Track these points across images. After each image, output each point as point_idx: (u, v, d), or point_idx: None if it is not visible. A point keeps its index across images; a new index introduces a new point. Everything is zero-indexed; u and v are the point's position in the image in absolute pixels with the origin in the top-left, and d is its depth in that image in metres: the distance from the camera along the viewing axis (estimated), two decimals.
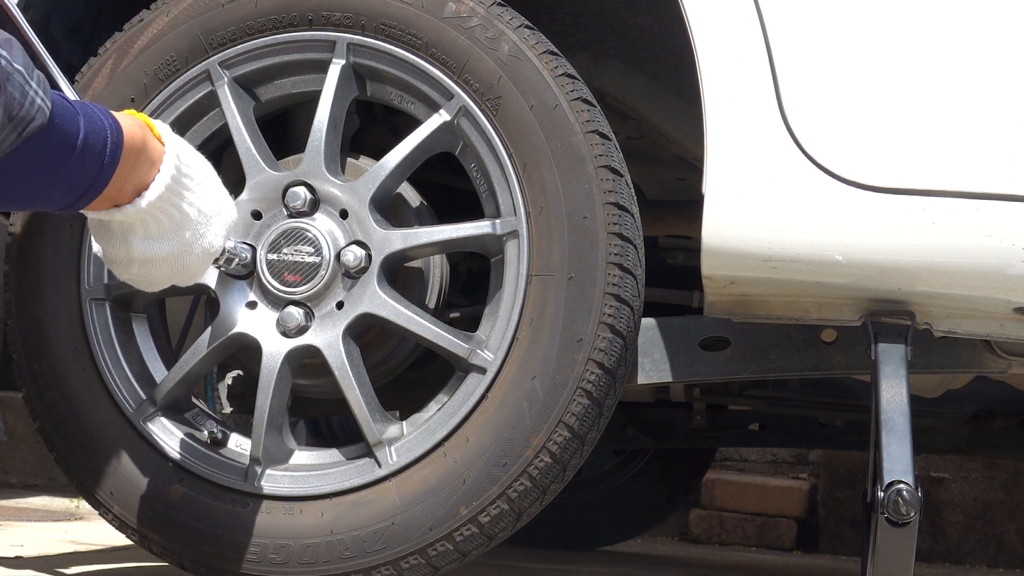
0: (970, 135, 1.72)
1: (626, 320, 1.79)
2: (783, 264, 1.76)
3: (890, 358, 1.79)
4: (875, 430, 1.75)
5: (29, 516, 3.55)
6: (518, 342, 1.78)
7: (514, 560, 3.02)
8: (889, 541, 1.69)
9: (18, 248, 1.93)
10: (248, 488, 1.84)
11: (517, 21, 1.84)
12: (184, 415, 1.93)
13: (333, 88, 1.86)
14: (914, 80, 1.74)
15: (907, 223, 1.72)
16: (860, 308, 1.83)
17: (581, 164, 1.79)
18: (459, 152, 1.87)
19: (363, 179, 1.85)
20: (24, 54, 1.37)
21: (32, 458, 4.67)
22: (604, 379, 1.78)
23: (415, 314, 1.82)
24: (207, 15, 1.90)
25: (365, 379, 1.84)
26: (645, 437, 3.24)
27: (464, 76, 1.83)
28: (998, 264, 1.72)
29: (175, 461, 1.87)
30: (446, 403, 1.82)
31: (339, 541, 1.79)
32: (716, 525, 4.52)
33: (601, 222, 1.78)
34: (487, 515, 1.76)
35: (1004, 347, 1.94)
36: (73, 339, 1.91)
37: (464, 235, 1.84)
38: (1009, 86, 1.72)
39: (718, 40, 1.75)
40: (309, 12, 1.88)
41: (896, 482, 1.69)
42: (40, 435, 1.95)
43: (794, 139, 1.74)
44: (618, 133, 2.00)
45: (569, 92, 1.81)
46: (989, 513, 4.37)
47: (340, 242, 1.83)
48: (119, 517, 1.89)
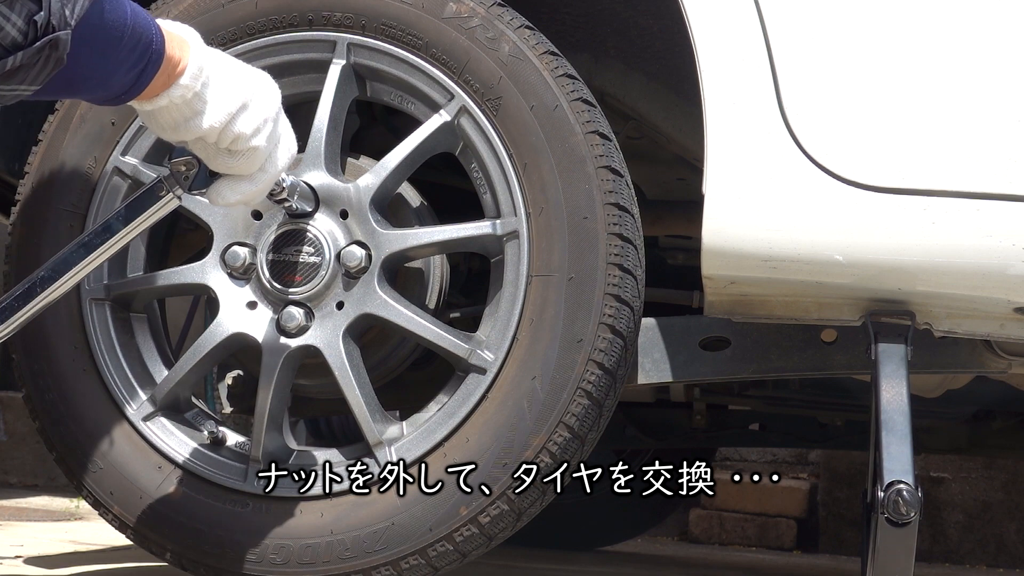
0: (970, 135, 1.72)
1: (626, 320, 1.79)
2: (783, 264, 1.76)
3: (890, 358, 1.79)
4: (875, 430, 1.75)
5: (29, 516, 3.56)
6: (518, 342, 1.78)
7: (514, 560, 3.02)
8: (889, 541, 1.69)
9: (18, 248, 1.93)
10: (248, 488, 1.84)
11: (517, 21, 1.84)
12: (184, 415, 1.93)
13: (333, 88, 1.86)
14: (914, 80, 1.74)
15: (907, 223, 1.72)
16: (860, 308, 1.83)
17: (581, 165, 1.79)
18: (459, 152, 1.87)
19: (363, 179, 1.85)
20: None
21: (32, 458, 4.67)
22: (604, 379, 1.78)
23: (415, 314, 1.82)
24: (207, 15, 1.90)
25: (365, 379, 1.84)
26: (645, 437, 3.24)
27: (464, 76, 1.83)
28: (998, 264, 1.72)
29: (175, 461, 1.87)
30: (446, 403, 1.82)
31: (339, 541, 1.79)
32: (716, 525, 4.52)
33: (601, 222, 1.78)
34: (487, 515, 1.76)
35: (1004, 347, 1.94)
36: (73, 339, 1.91)
37: (464, 235, 1.84)
38: (1009, 86, 1.72)
39: (718, 40, 1.75)
40: (309, 12, 1.88)
41: (896, 482, 1.69)
42: (40, 435, 1.95)
43: (794, 139, 1.74)
44: (618, 133, 2.00)
45: (569, 92, 1.81)
46: (989, 513, 4.37)
47: (340, 242, 1.83)
48: (119, 517, 1.89)
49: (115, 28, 1.44)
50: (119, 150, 1.91)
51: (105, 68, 1.45)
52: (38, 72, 1.36)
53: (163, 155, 1.90)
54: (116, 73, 1.47)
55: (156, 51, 1.48)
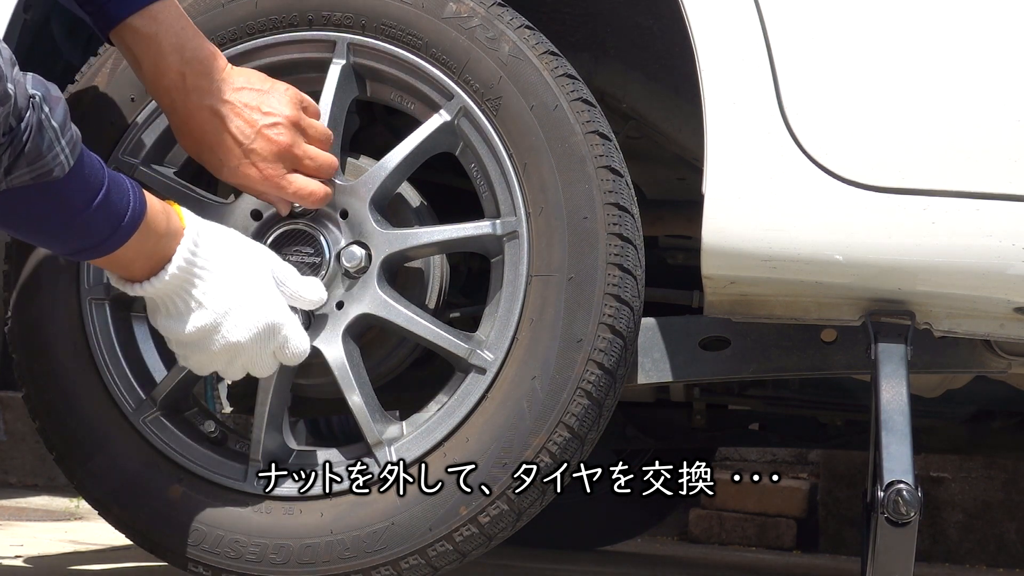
0: (970, 135, 1.72)
1: (626, 320, 1.79)
2: (783, 264, 1.76)
3: (890, 358, 1.79)
4: (875, 430, 1.75)
5: (29, 516, 3.56)
6: (518, 342, 1.78)
7: (514, 560, 3.02)
8: (889, 541, 1.70)
9: (18, 248, 1.93)
10: (248, 488, 1.83)
11: (517, 21, 1.84)
12: (184, 415, 1.93)
13: (333, 88, 1.86)
14: (914, 80, 1.74)
15: (907, 223, 1.72)
16: (860, 308, 1.83)
17: (581, 164, 1.79)
18: (459, 152, 1.87)
19: (363, 179, 1.85)
20: (66, 111, 1.49)
21: (32, 458, 4.67)
22: (604, 379, 1.77)
23: (415, 314, 1.82)
24: (207, 15, 1.90)
25: (365, 379, 1.84)
26: (645, 437, 3.24)
27: (464, 76, 1.83)
28: (998, 264, 1.72)
29: (175, 461, 1.87)
30: (446, 403, 1.82)
31: (339, 541, 1.79)
32: (716, 525, 4.52)
33: (601, 222, 1.78)
34: (487, 515, 1.76)
35: (1004, 347, 1.94)
36: (73, 339, 1.90)
37: (464, 235, 1.84)
38: (1009, 86, 1.72)
39: (718, 40, 1.75)
40: (309, 12, 1.88)
41: (896, 482, 1.69)
42: (40, 435, 1.94)
43: (794, 139, 1.74)
44: (618, 133, 2.00)
45: (569, 92, 1.81)
46: (989, 513, 4.37)
47: (340, 242, 1.83)
48: (119, 517, 1.88)
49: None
50: (120, 150, 1.90)
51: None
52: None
53: (163, 155, 1.90)
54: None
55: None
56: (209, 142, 1.75)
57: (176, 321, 1.68)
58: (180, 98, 1.73)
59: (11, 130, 1.41)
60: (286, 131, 1.75)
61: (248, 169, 1.75)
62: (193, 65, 1.72)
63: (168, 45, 1.71)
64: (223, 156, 1.75)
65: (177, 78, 1.72)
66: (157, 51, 1.71)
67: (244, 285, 1.69)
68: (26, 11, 1.95)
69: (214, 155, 1.75)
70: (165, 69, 1.72)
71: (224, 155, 1.75)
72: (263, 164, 1.75)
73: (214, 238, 1.69)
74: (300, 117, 1.77)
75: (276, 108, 1.75)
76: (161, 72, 1.72)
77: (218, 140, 1.74)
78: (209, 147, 1.75)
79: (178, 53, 1.71)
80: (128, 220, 1.58)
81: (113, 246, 1.59)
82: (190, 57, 1.72)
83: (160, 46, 1.71)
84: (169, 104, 1.75)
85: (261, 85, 1.77)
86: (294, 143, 1.76)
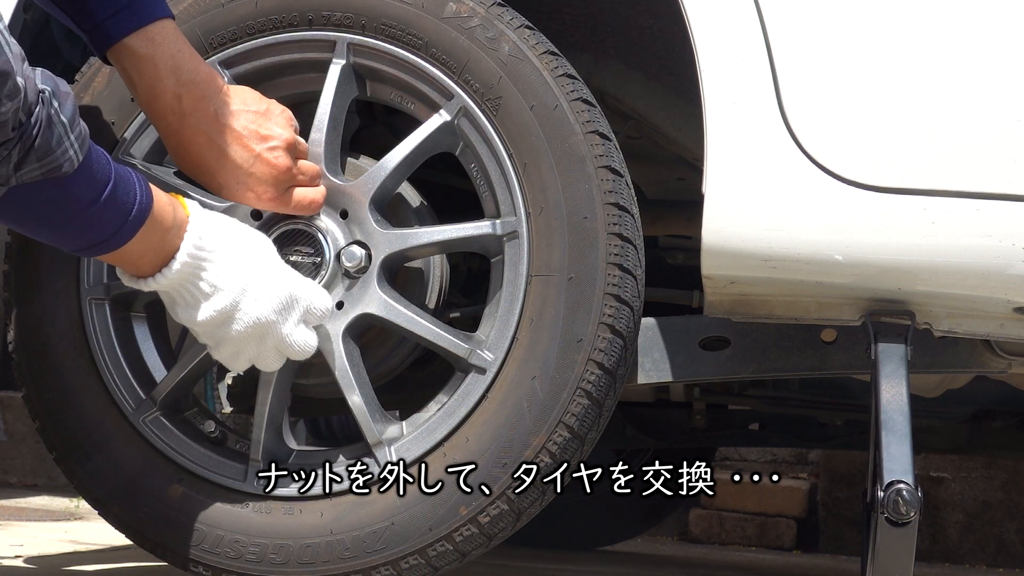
0: (970, 135, 1.72)
1: (626, 320, 1.79)
2: (783, 264, 1.76)
3: (890, 358, 1.79)
4: (875, 430, 1.75)
5: (29, 516, 3.56)
6: (518, 342, 1.78)
7: (514, 560, 3.02)
8: (889, 541, 1.70)
9: (18, 248, 1.93)
10: (248, 488, 1.83)
11: (517, 21, 1.84)
12: (184, 415, 1.93)
13: (333, 88, 1.86)
14: (914, 80, 1.74)
15: (907, 223, 1.72)
16: (860, 308, 1.84)
17: (581, 164, 1.79)
18: (459, 152, 1.87)
19: (363, 179, 1.85)
20: (75, 107, 1.49)
21: (32, 458, 4.67)
22: (604, 379, 1.78)
23: (415, 314, 1.82)
24: (207, 15, 1.90)
25: (365, 379, 1.84)
26: (645, 437, 3.24)
27: (464, 76, 1.83)
28: (998, 264, 1.72)
29: (175, 461, 1.87)
30: (446, 403, 1.82)
31: (339, 541, 1.79)
32: (716, 525, 4.52)
33: (601, 222, 1.78)
34: (487, 515, 1.76)
35: (1004, 347, 1.94)
36: (73, 339, 1.91)
37: (464, 235, 1.84)
38: (1009, 86, 1.72)
39: (718, 40, 1.75)
40: (309, 12, 1.88)
41: (896, 482, 1.69)
42: (40, 435, 1.94)
43: (794, 139, 1.74)
44: (618, 133, 2.00)
45: (569, 92, 1.81)
46: (989, 513, 4.37)
47: (340, 242, 1.83)
48: (119, 517, 1.88)
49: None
50: (119, 150, 1.90)
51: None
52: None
53: (163, 154, 1.90)
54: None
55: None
56: (209, 167, 1.76)
57: (195, 310, 1.68)
58: (176, 122, 1.74)
59: (21, 125, 1.41)
60: (284, 154, 1.77)
61: (247, 192, 1.77)
62: (189, 88, 1.73)
63: (165, 67, 1.71)
64: (223, 180, 1.77)
65: (173, 101, 1.73)
66: (153, 73, 1.71)
67: (254, 263, 1.70)
68: (26, 11, 1.95)
69: (214, 179, 1.77)
70: (161, 92, 1.72)
71: (224, 179, 1.77)
72: (262, 188, 1.76)
73: (218, 225, 1.70)
74: (295, 138, 1.80)
75: (274, 131, 1.77)
76: (157, 95, 1.73)
77: (218, 165, 1.75)
78: (209, 172, 1.77)
79: (174, 76, 1.72)
80: (135, 214, 1.58)
81: (121, 240, 1.59)
82: (186, 80, 1.72)
83: (156, 68, 1.71)
84: (165, 128, 1.75)
85: (258, 107, 1.78)
86: (291, 164, 1.77)
